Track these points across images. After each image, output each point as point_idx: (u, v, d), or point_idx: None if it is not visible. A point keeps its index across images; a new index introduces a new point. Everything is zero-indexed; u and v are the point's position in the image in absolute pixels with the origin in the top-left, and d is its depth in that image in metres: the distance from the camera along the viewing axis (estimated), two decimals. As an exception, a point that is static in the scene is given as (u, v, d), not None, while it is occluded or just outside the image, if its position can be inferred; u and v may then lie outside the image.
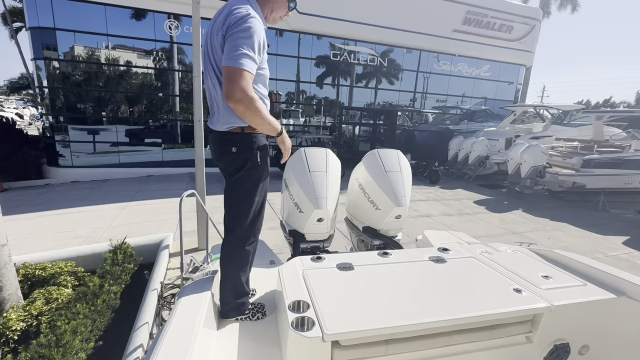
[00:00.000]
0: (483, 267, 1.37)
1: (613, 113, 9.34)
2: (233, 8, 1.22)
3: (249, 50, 1.16)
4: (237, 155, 1.29)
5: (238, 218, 1.34)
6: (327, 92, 11.52)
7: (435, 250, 1.54)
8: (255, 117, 1.20)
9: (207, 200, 6.38)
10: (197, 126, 3.77)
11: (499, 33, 11.94)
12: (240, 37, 1.16)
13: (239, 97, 1.13)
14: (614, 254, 4.91)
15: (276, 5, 1.37)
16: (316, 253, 1.90)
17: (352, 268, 1.30)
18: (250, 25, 1.17)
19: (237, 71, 1.13)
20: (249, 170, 1.30)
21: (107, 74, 8.80)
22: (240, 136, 1.28)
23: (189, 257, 2.19)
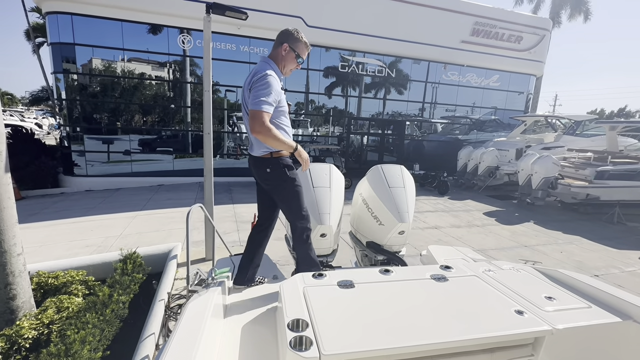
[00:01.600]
0: (485, 287, 1.37)
1: (627, 123, 9.13)
2: (256, 70, 1.77)
3: (265, 97, 1.67)
4: (272, 173, 1.80)
5: (293, 214, 1.83)
6: (336, 102, 11.63)
7: (437, 267, 1.53)
8: (273, 141, 1.70)
9: (215, 209, 6.47)
10: (207, 138, 3.86)
11: (507, 43, 11.92)
12: (259, 89, 1.68)
13: (258, 129, 1.65)
14: (630, 269, 4.75)
15: (287, 62, 1.89)
16: (319, 269, 1.92)
17: (353, 286, 1.31)
18: (267, 80, 1.69)
19: (257, 112, 1.65)
20: (284, 182, 1.80)
21: (122, 86, 9.10)
22: (271, 159, 1.79)
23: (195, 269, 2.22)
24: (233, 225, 5.79)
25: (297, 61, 1.90)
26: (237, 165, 10.60)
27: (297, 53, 1.87)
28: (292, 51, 1.86)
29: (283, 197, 1.82)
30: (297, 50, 1.87)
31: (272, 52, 1.90)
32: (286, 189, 1.80)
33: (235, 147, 10.84)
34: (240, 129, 10.77)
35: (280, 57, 1.87)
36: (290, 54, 1.86)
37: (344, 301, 1.23)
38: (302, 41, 1.88)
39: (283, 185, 1.80)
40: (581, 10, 15.90)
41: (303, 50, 1.89)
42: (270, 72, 1.73)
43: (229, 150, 10.71)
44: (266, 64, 1.82)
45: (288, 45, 1.84)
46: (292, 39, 1.86)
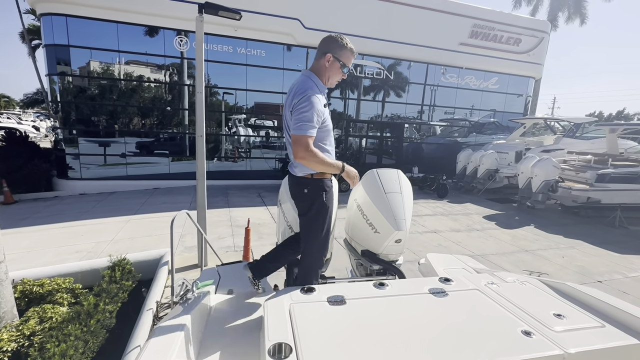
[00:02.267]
0: (488, 302, 1.26)
1: (628, 126, 9.06)
2: (297, 89, 1.63)
3: (308, 120, 1.55)
4: (308, 195, 1.69)
5: (312, 244, 1.72)
6: (334, 104, 11.55)
7: (436, 280, 1.42)
8: (317, 165, 1.61)
9: (209, 213, 6.34)
10: (199, 141, 3.75)
11: (506, 46, 11.88)
12: (302, 111, 1.56)
13: (302, 155, 1.56)
14: (634, 275, 4.65)
15: (332, 74, 1.72)
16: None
17: (344, 302, 1.20)
18: (310, 101, 1.56)
19: (300, 137, 1.55)
20: (318, 207, 1.68)
21: (118, 88, 9.01)
22: (310, 181, 1.70)
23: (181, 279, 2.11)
24: (228, 229, 5.67)
25: (343, 71, 1.72)
26: (234, 168, 10.50)
27: (343, 62, 1.69)
28: (336, 61, 1.68)
29: (309, 222, 1.70)
30: (342, 59, 1.68)
31: (314, 63, 1.72)
32: (316, 215, 1.68)
33: (233, 150, 10.74)
34: (239, 131, 10.68)
35: (323, 70, 1.69)
36: (335, 64, 1.68)
37: (334, 320, 1.12)
38: (348, 48, 1.69)
39: (314, 210, 1.68)
40: (578, 13, 15.94)
41: (349, 58, 1.71)
42: (310, 91, 1.59)
43: (227, 153, 10.60)
44: (308, 79, 1.67)
45: (332, 56, 1.66)
46: (336, 47, 1.67)
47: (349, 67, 1.72)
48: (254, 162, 10.72)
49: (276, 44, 9.47)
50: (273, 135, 11.25)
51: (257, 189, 9.16)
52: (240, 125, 10.80)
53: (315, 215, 1.68)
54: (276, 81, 10.05)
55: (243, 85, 9.76)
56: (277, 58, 9.76)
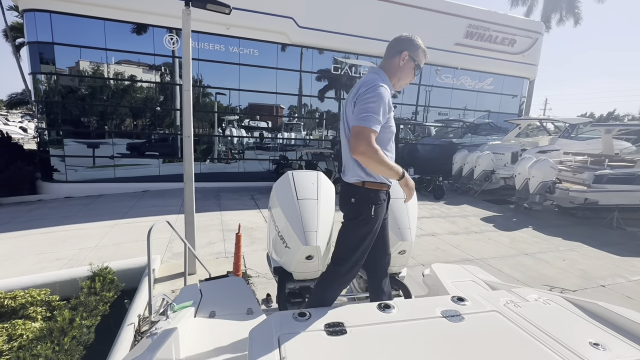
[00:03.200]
0: (511, 328, 1.08)
1: (623, 126, 9.05)
2: (365, 80, 1.50)
3: (374, 112, 1.38)
4: (355, 205, 1.49)
5: (346, 259, 1.50)
6: (329, 105, 11.39)
7: (448, 300, 1.24)
8: (377, 165, 1.40)
9: (200, 217, 6.11)
10: (186, 142, 3.54)
11: (501, 46, 11.85)
12: (368, 102, 1.40)
13: (362, 150, 1.36)
14: (636, 278, 4.54)
15: (403, 75, 1.59)
16: (304, 296, 1.61)
17: (345, 331, 1.02)
18: (378, 92, 1.41)
19: (362, 129, 1.37)
20: (363, 220, 1.47)
21: (105, 88, 8.72)
22: (361, 190, 1.49)
23: (161, 295, 1.91)
24: (219, 234, 5.45)
25: (415, 72, 1.61)
26: (227, 169, 10.26)
27: (417, 63, 1.58)
28: (411, 60, 1.56)
29: (349, 235, 1.49)
30: (416, 59, 1.57)
31: (385, 62, 1.60)
32: (360, 229, 1.47)
33: (226, 151, 10.50)
34: (232, 132, 10.45)
35: (396, 68, 1.57)
36: (409, 63, 1.57)
37: (333, 354, 0.93)
38: (422, 48, 1.59)
39: (359, 224, 1.47)
40: (572, 13, 16.03)
41: (422, 59, 1.60)
42: (381, 82, 1.45)
43: (220, 154, 10.36)
44: (377, 75, 1.53)
45: (408, 54, 1.55)
46: (412, 46, 1.56)
47: (421, 66, 1.61)
48: (247, 164, 10.50)
49: (270, 43, 9.28)
50: (267, 136, 11.04)
51: (250, 191, 8.94)
52: (233, 126, 10.58)
53: (357, 228, 1.48)
54: (270, 81, 9.85)
55: (236, 85, 9.54)
56: (270, 57, 9.56)
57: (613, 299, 3.92)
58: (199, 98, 9.63)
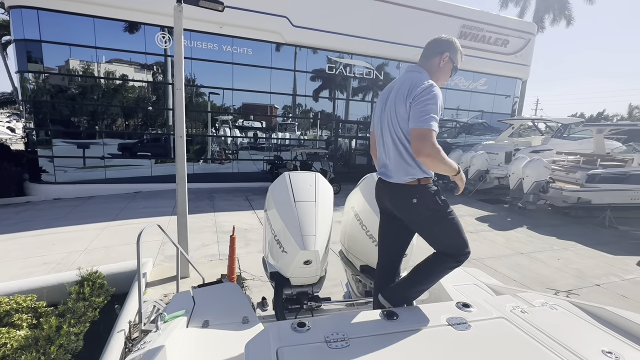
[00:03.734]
0: (520, 336, 1.04)
1: (614, 126, 9.17)
2: (417, 81, 1.48)
3: (434, 113, 1.41)
4: (419, 204, 1.47)
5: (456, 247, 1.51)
6: (323, 105, 11.34)
7: (453, 306, 1.20)
8: (440, 165, 1.40)
9: (193, 219, 6.01)
10: (179, 142, 3.45)
11: (494, 47, 11.92)
12: (427, 103, 1.40)
13: (428, 152, 1.36)
14: (630, 277, 4.57)
15: (441, 75, 1.61)
16: (302, 302, 1.55)
17: (347, 344, 0.96)
18: (435, 93, 1.42)
19: (427, 131, 1.38)
20: (436, 212, 1.48)
21: (95, 87, 8.54)
22: (419, 188, 1.48)
23: (152, 302, 1.83)
24: (213, 236, 5.35)
25: (452, 73, 1.63)
26: (221, 170, 10.14)
27: (455, 65, 1.61)
28: (450, 62, 1.59)
29: (440, 229, 1.48)
30: (455, 62, 1.60)
31: (425, 61, 1.61)
32: (444, 218, 1.47)
33: (220, 152, 10.38)
34: (225, 132, 10.33)
35: (435, 68, 1.58)
36: (448, 65, 1.59)
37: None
38: (460, 51, 1.61)
39: (438, 215, 1.47)
40: (563, 15, 16.23)
41: (459, 61, 1.63)
42: (434, 84, 1.46)
43: (213, 154, 10.23)
44: (421, 74, 1.54)
45: (449, 55, 1.57)
46: (453, 48, 1.58)
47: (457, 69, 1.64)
48: (241, 164, 10.39)
49: (263, 42, 9.19)
50: (261, 136, 10.94)
51: (245, 192, 8.84)
52: (227, 125, 10.47)
53: (443, 218, 1.47)
54: (264, 81, 9.76)
55: (230, 85, 9.43)
56: (264, 57, 9.47)
57: (608, 298, 3.94)
58: (192, 98, 9.50)
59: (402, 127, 1.48)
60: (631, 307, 3.77)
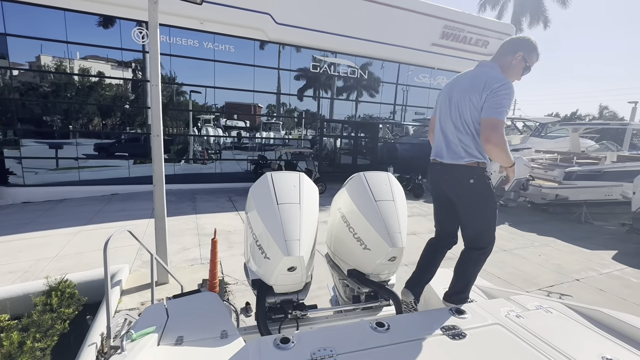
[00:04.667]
0: (517, 343, 0.98)
1: (589, 125, 9.51)
2: (493, 75, 1.57)
3: (507, 107, 1.52)
4: (476, 184, 1.61)
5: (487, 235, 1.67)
6: (308, 104, 11.23)
7: (446, 313, 1.13)
8: (504, 155, 1.54)
9: (174, 221, 5.79)
10: (155, 141, 3.27)
11: (475, 47, 12.14)
12: (503, 96, 1.51)
13: (497, 141, 1.49)
14: (606, 271, 4.72)
15: (511, 73, 1.67)
16: (287, 312, 1.46)
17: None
18: (511, 90, 1.54)
19: (499, 122, 1.50)
20: (488, 197, 1.62)
21: (69, 84, 8.11)
22: (477, 169, 1.61)
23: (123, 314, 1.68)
24: (195, 239, 5.16)
25: (523, 73, 1.69)
26: (203, 170, 9.86)
27: (528, 65, 1.66)
28: (523, 61, 1.65)
29: (481, 213, 1.63)
30: (529, 61, 1.66)
31: (498, 57, 1.69)
32: (489, 204, 1.62)
33: (202, 152, 10.10)
34: (208, 131, 10.07)
35: (507, 65, 1.65)
36: (521, 64, 1.66)
37: (322, 393, 0.78)
38: (537, 52, 1.66)
39: (486, 200, 1.62)
40: (540, 18, 16.80)
41: (534, 61, 1.67)
42: (509, 80, 1.57)
43: (195, 154, 9.94)
44: (495, 70, 1.63)
45: (522, 55, 1.64)
46: (528, 48, 1.64)
47: (531, 67, 1.69)
48: (225, 164, 10.14)
49: (246, 39, 8.99)
50: (245, 135, 10.73)
51: (228, 193, 8.62)
52: (210, 125, 10.20)
53: (489, 204, 1.63)
54: (247, 79, 9.56)
55: (211, 83, 9.18)
56: (247, 54, 9.27)
57: (588, 292, 4.04)
58: (172, 96, 9.19)
59: (472, 114, 1.59)
60: (608, 300, 3.87)
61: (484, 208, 1.62)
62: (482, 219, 1.64)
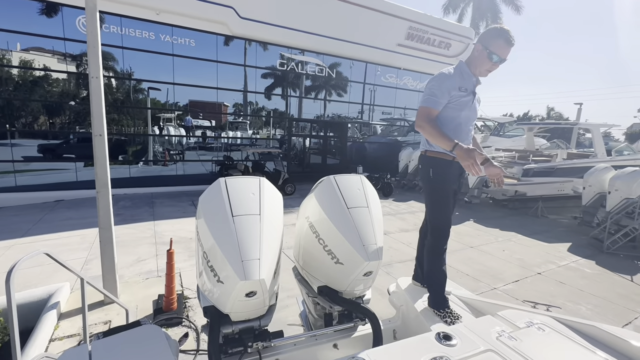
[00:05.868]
0: (515, 375, 0.84)
1: (542, 125, 10.13)
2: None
3: (431, 95, 1.75)
4: (422, 170, 1.93)
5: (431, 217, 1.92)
6: (276, 103, 10.92)
7: (432, 339, 0.98)
8: (430, 137, 1.75)
9: (129, 229, 5.28)
10: (98, 142, 2.87)
11: (438, 49, 12.51)
12: (430, 87, 1.79)
13: (418, 124, 1.77)
14: (563, 263, 4.96)
15: (476, 64, 1.80)
16: (246, 344, 1.23)
17: None
18: (437, 75, 1.79)
19: (421, 108, 1.78)
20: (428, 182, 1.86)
21: (7, 78, 7.15)
22: (423, 157, 1.91)
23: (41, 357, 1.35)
24: (151, 249, 4.71)
25: (491, 59, 1.74)
26: (164, 172, 9.21)
27: (491, 51, 1.72)
28: (484, 51, 1.75)
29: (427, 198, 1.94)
30: (492, 48, 1.72)
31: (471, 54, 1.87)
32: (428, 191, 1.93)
33: (163, 152, 9.44)
34: (169, 131, 9.44)
35: (472, 59, 1.83)
36: (482, 54, 1.77)
37: None
38: (502, 37, 1.70)
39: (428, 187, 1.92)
40: (496, 23, 17.78)
41: (501, 47, 1.70)
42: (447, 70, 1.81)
43: (156, 155, 9.26)
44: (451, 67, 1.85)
45: (481, 45, 1.76)
46: (487, 36, 1.75)
47: (499, 56, 1.72)
48: (188, 166, 9.56)
49: (208, 33, 8.50)
50: (210, 135, 10.19)
51: (191, 196, 8.11)
52: (171, 124, 9.56)
53: (428, 191, 1.88)
54: (210, 75, 9.07)
55: (170, 79, 8.57)
56: (210, 49, 8.78)
57: (548, 285, 4.18)
58: (129, 93, 8.47)
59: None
60: (568, 291, 4.04)
61: (427, 193, 1.89)
62: (427, 204, 1.90)
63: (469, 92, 1.79)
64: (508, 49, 1.71)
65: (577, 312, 3.56)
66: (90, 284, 2.37)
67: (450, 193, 1.85)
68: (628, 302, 3.83)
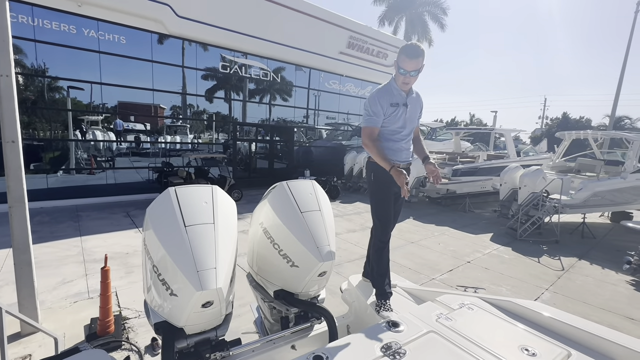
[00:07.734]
0: (450, 349, 0.98)
1: (466, 130, 11.39)
2: None
3: (369, 114, 2.02)
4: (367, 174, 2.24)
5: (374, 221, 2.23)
6: (219, 106, 10.53)
7: (382, 328, 1.08)
8: (373, 156, 2.03)
9: (47, 249, 4.64)
10: (10, 149, 2.49)
11: (376, 58, 13.33)
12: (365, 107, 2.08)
13: (364, 143, 2.04)
14: (487, 251, 5.65)
15: (396, 77, 2.01)
16: (203, 356, 1.21)
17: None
18: (370, 99, 2.03)
19: (363, 129, 2.06)
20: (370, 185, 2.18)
21: None
22: (368, 163, 2.17)
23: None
24: (79, 268, 4.20)
25: (400, 73, 1.94)
26: (90, 182, 8.25)
27: (400, 67, 1.92)
28: (396, 67, 1.96)
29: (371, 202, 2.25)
30: (398, 62, 1.93)
31: None
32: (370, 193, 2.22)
33: (89, 159, 8.45)
34: (96, 136, 8.49)
35: (395, 74, 2.02)
36: (396, 68, 1.97)
37: None
38: (403, 54, 1.89)
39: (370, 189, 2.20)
40: (425, 37, 19.61)
41: (403, 61, 1.90)
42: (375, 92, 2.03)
43: (80, 163, 8.25)
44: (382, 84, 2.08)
45: (395, 62, 1.97)
46: (398, 54, 1.93)
47: (405, 68, 1.90)
48: (120, 174, 8.70)
49: (141, 30, 7.89)
50: (145, 140, 9.41)
51: (125, 207, 7.41)
52: (98, 128, 8.61)
53: (370, 193, 2.17)
54: (144, 76, 8.40)
55: (97, 78, 7.75)
56: (143, 48, 8.15)
57: (476, 272, 4.74)
58: (43, 91, 7.43)
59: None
60: (491, 276, 4.62)
61: (370, 194, 2.17)
62: (371, 204, 2.18)
63: (400, 105, 1.99)
64: (410, 62, 1.87)
65: (499, 292, 4.10)
66: (10, 312, 2.05)
67: (390, 194, 2.07)
68: (537, 280, 4.52)
